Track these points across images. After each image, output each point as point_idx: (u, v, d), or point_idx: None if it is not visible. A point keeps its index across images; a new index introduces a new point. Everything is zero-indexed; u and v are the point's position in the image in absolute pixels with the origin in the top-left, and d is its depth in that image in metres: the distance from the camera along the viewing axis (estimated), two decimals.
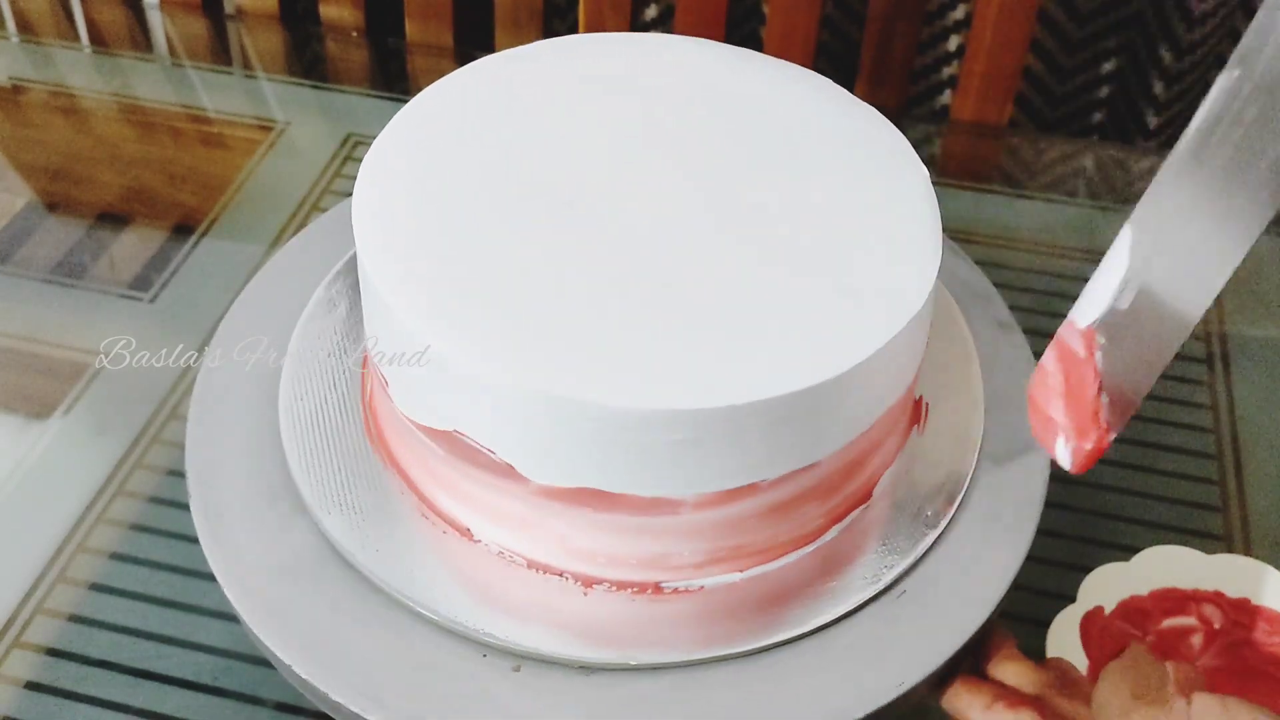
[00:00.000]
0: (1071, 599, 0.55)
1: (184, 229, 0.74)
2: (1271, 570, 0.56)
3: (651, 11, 0.87)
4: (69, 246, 0.73)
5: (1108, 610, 0.54)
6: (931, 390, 0.52)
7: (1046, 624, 0.54)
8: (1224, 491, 0.62)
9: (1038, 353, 0.55)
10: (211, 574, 0.47)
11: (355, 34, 0.91)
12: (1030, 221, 0.77)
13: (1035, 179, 0.82)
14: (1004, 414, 0.53)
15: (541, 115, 0.51)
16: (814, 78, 0.54)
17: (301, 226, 0.69)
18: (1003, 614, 0.47)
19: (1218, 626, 0.54)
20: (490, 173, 0.48)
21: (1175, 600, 0.55)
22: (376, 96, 0.87)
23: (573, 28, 0.89)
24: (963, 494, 0.50)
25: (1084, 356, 0.41)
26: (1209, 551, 0.57)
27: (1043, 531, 0.49)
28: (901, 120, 0.54)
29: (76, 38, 0.90)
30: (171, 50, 0.90)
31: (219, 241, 0.74)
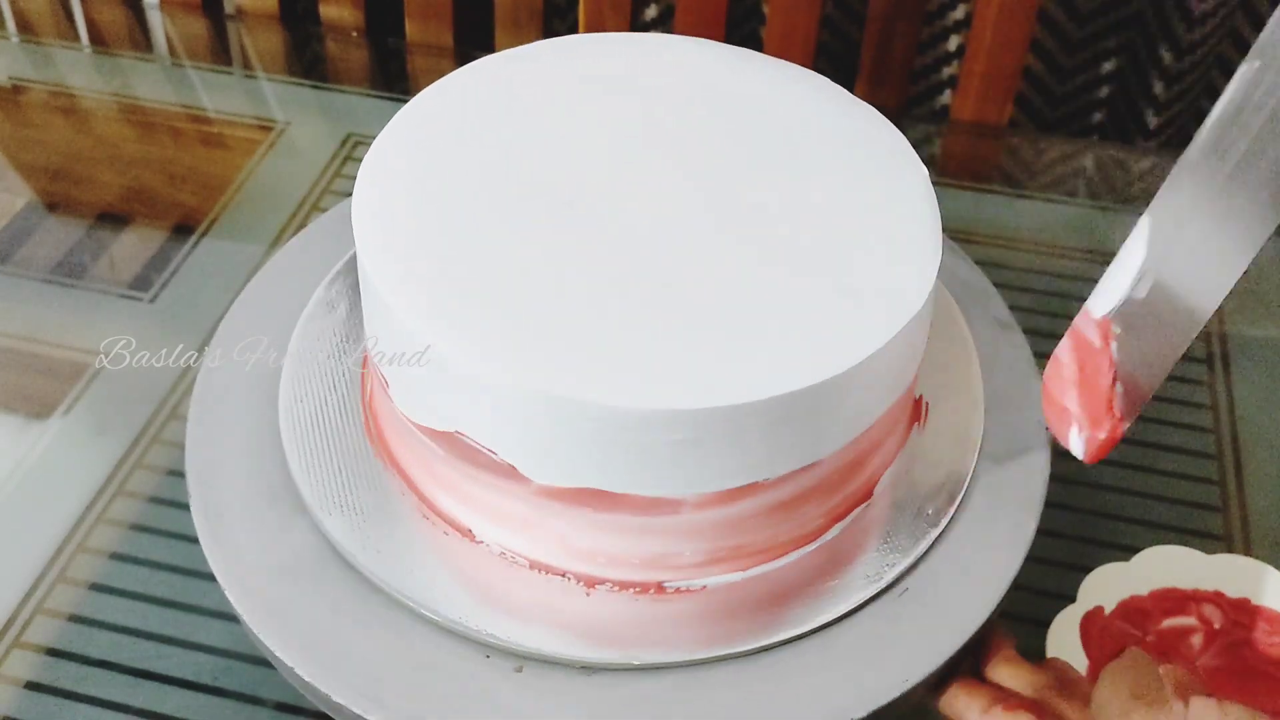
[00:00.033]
0: (1071, 599, 0.55)
1: (184, 229, 0.74)
2: (1271, 570, 0.56)
3: (651, 11, 0.87)
4: (69, 246, 0.73)
5: (1108, 610, 0.54)
6: (931, 389, 0.52)
7: (1046, 624, 0.54)
8: (1224, 491, 0.62)
9: (1038, 352, 0.55)
10: (211, 574, 0.47)
11: (355, 34, 0.91)
12: (1030, 221, 0.77)
13: (1035, 179, 0.82)
14: (1004, 413, 0.53)
15: (541, 115, 0.51)
16: (814, 78, 0.54)
17: (301, 226, 0.69)
18: (1003, 614, 0.47)
19: (1218, 626, 0.54)
20: (490, 173, 0.48)
21: (1175, 600, 0.55)
22: (376, 96, 0.87)
23: (573, 28, 0.89)
24: (963, 492, 0.50)
25: (1099, 346, 0.41)
26: (1209, 551, 0.57)
27: (1043, 531, 0.49)
28: (901, 120, 0.54)
29: (76, 38, 0.90)
30: (171, 50, 0.90)
31: (219, 241, 0.74)
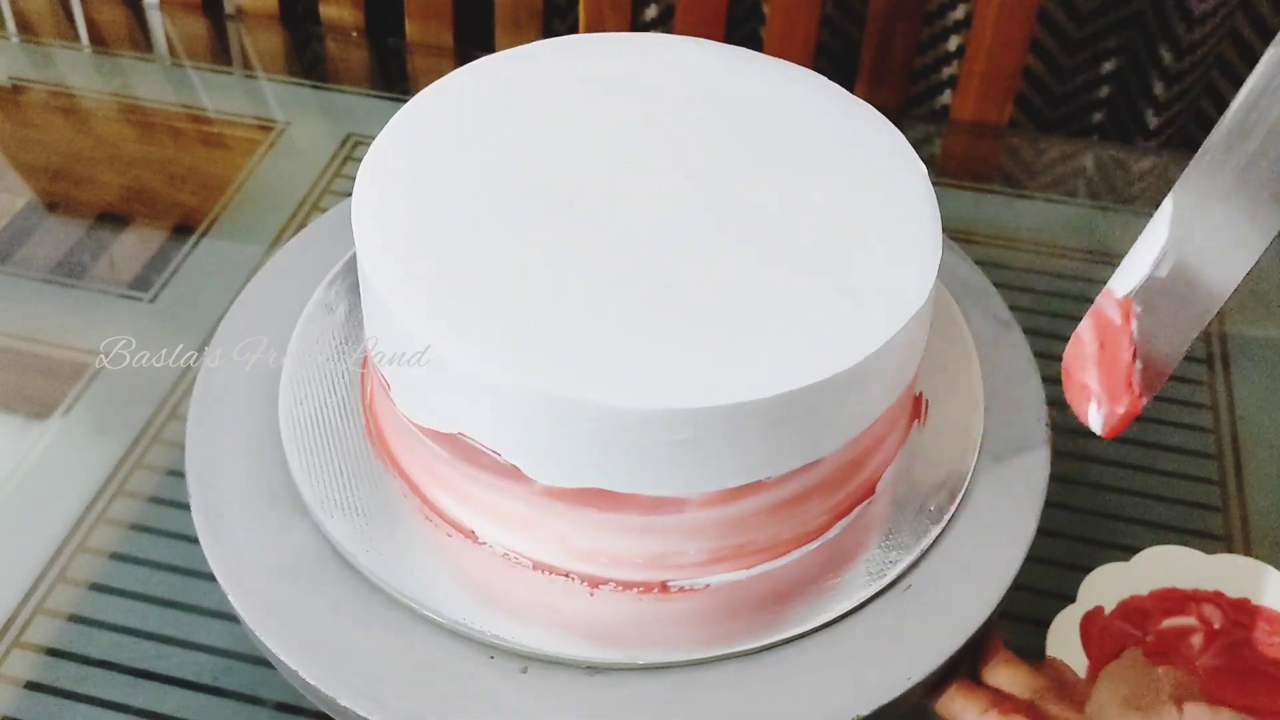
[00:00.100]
0: (1071, 599, 0.55)
1: (184, 229, 0.74)
2: (1271, 570, 0.56)
3: (651, 11, 0.87)
4: (69, 246, 0.73)
5: (1108, 610, 0.54)
6: (931, 387, 0.53)
7: (1046, 624, 0.54)
8: (1224, 491, 0.62)
9: (1038, 351, 0.55)
10: (211, 574, 0.47)
11: (355, 34, 0.91)
12: (1030, 221, 0.77)
13: (1035, 179, 0.82)
14: (1003, 410, 0.53)
15: (541, 115, 0.51)
16: (814, 78, 0.54)
17: (301, 226, 0.69)
18: (1003, 614, 0.47)
19: (1218, 626, 0.54)
20: (490, 173, 0.48)
21: (1175, 600, 0.55)
22: (376, 96, 0.87)
23: (573, 28, 0.89)
24: (965, 489, 0.50)
25: (1120, 324, 0.42)
26: (1209, 551, 0.57)
27: (1043, 531, 0.49)
28: (901, 120, 0.54)
29: (76, 38, 0.90)
30: (171, 50, 0.90)
31: (219, 241, 0.74)
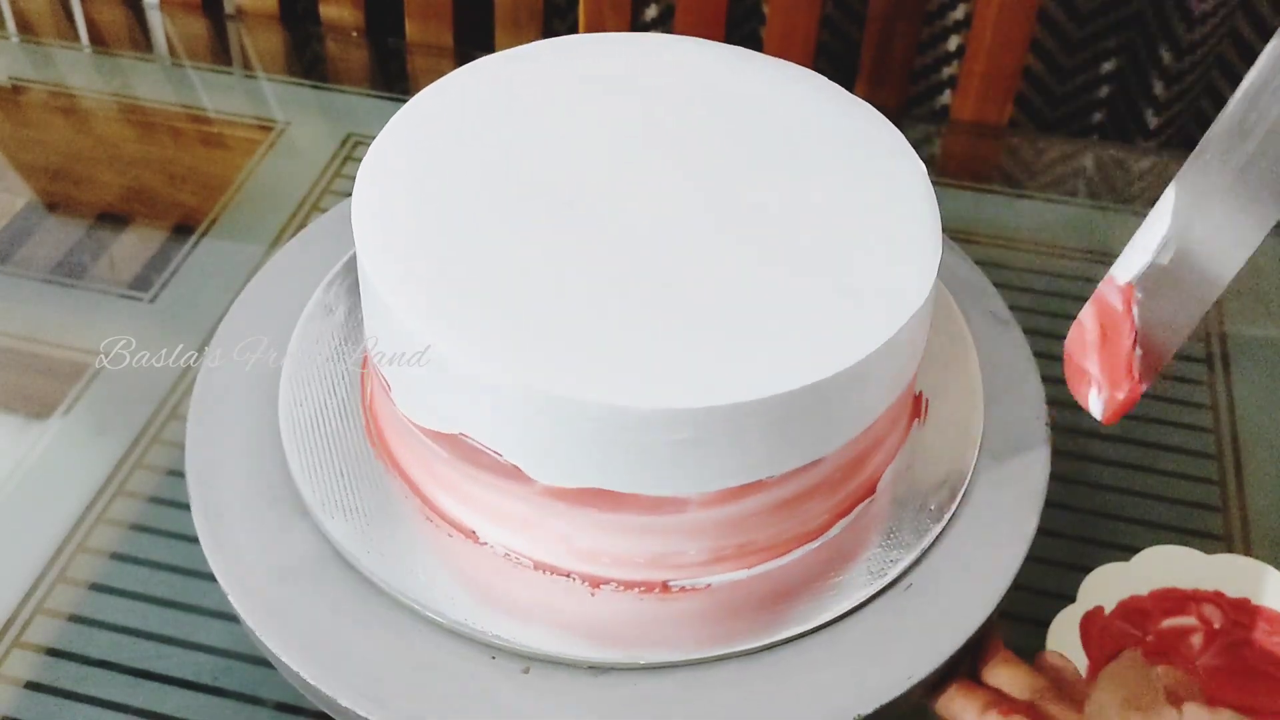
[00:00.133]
0: (1071, 599, 0.55)
1: (184, 229, 0.74)
2: (1271, 570, 0.56)
3: (651, 11, 0.87)
4: (69, 246, 0.73)
5: (1108, 610, 0.54)
6: (931, 385, 0.53)
7: (1046, 624, 0.54)
8: (1224, 491, 0.62)
9: (1038, 351, 0.55)
10: (211, 574, 0.47)
11: (355, 34, 0.91)
12: (1030, 221, 0.77)
13: (1035, 179, 0.82)
14: (1003, 408, 0.53)
15: (541, 115, 0.51)
16: (814, 78, 0.54)
17: (301, 226, 0.69)
18: (1003, 614, 0.47)
19: (1218, 626, 0.54)
20: (490, 173, 0.48)
21: (1175, 600, 0.55)
22: (376, 96, 0.87)
23: (573, 28, 0.89)
24: (965, 487, 0.50)
25: (1122, 311, 0.42)
26: (1209, 551, 0.57)
27: (1043, 531, 0.49)
28: (901, 120, 0.54)
29: (76, 38, 0.90)
30: (171, 50, 0.90)
31: (219, 241, 0.74)
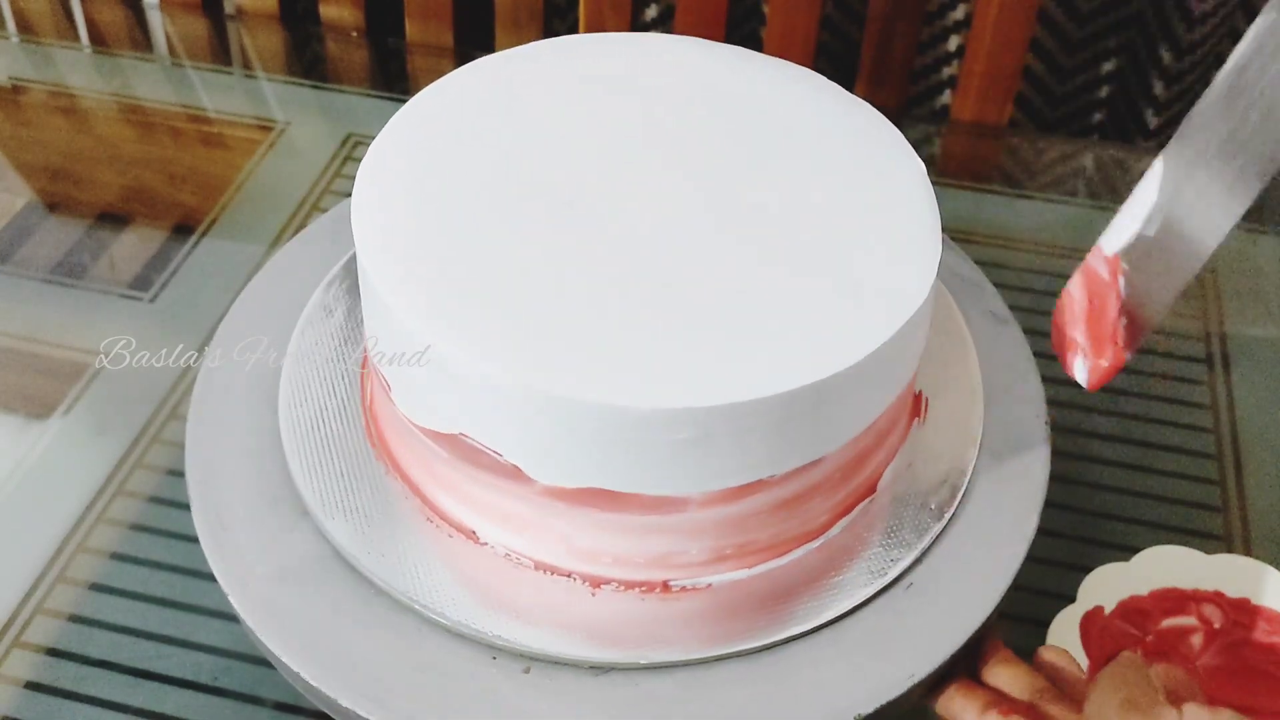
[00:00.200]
0: (1071, 599, 0.55)
1: (184, 229, 0.74)
2: (1271, 570, 0.56)
3: (651, 11, 0.87)
4: (69, 246, 0.73)
5: (1108, 610, 0.54)
6: (930, 384, 0.53)
7: (1046, 624, 0.54)
8: (1224, 491, 0.62)
9: (1038, 351, 0.55)
10: (211, 574, 0.47)
11: (355, 34, 0.91)
12: (1030, 221, 0.77)
13: (1035, 179, 0.82)
14: (1002, 406, 0.53)
15: (541, 115, 0.51)
16: (814, 78, 0.54)
17: (301, 226, 0.69)
18: (1003, 614, 0.47)
19: (1218, 626, 0.54)
20: (490, 173, 0.48)
21: (1175, 600, 0.55)
22: (376, 96, 0.87)
23: (573, 28, 0.89)
24: (965, 486, 0.50)
25: (1108, 281, 0.43)
26: (1209, 551, 0.57)
27: (1043, 531, 0.49)
28: (901, 120, 0.54)
29: (76, 38, 0.90)
30: (171, 50, 0.90)
31: (219, 241, 0.74)
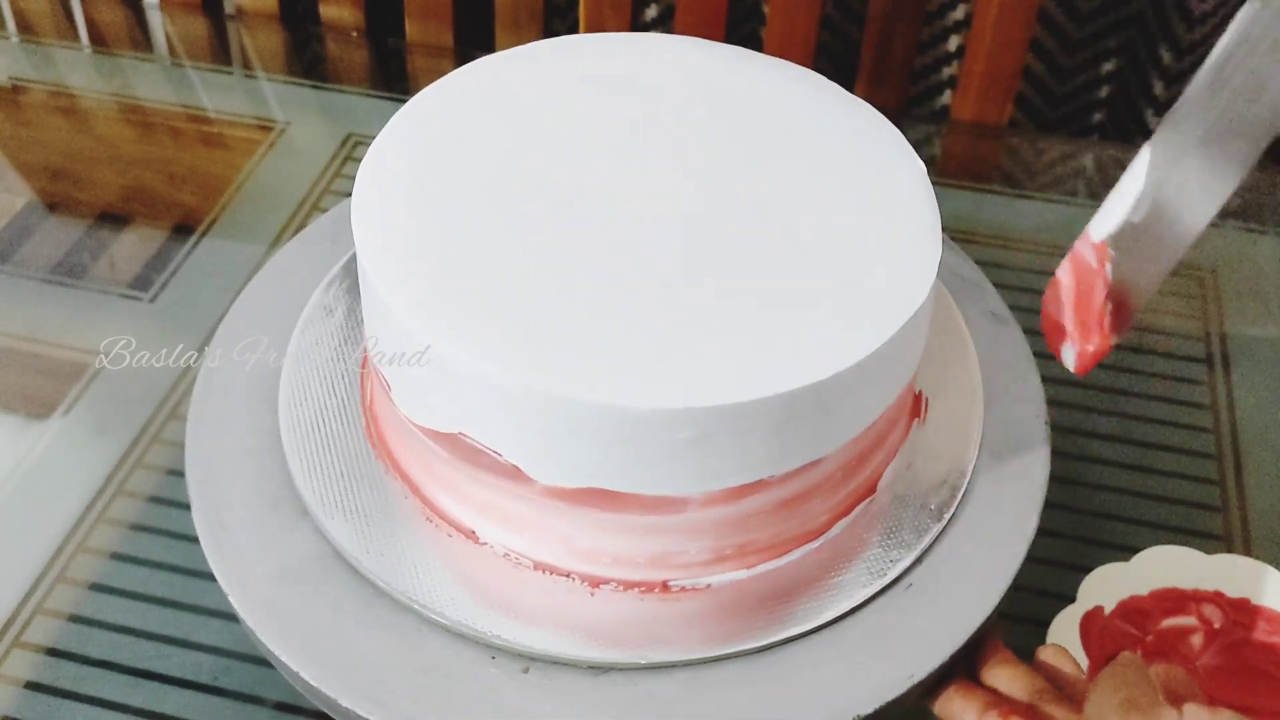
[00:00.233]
0: (1071, 599, 0.55)
1: (184, 229, 0.74)
2: (1271, 570, 0.56)
3: (651, 11, 0.87)
4: (69, 246, 0.73)
5: (1108, 610, 0.54)
6: (930, 384, 0.53)
7: (1046, 624, 0.54)
8: (1224, 491, 0.62)
9: (1038, 352, 0.55)
10: (211, 574, 0.47)
11: (355, 34, 0.91)
12: (1030, 221, 0.77)
13: (1035, 179, 0.82)
14: (1002, 406, 0.53)
15: (541, 115, 0.51)
16: (814, 78, 0.54)
17: (301, 226, 0.69)
18: (1003, 614, 0.47)
19: (1218, 626, 0.54)
20: (490, 173, 0.48)
21: (1175, 600, 0.55)
22: (376, 96, 0.87)
23: (573, 28, 0.89)
24: (965, 486, 0.50)
25: (1095, 267, 0.43)
26: (1209, 551, 0.57)
27: (1043, 531, 0.49)
28: (901, 120, 0.54)
29: (76, 38, 0.90)
30: (171, 50, 0.90)
31: (219, 241, 0.74)
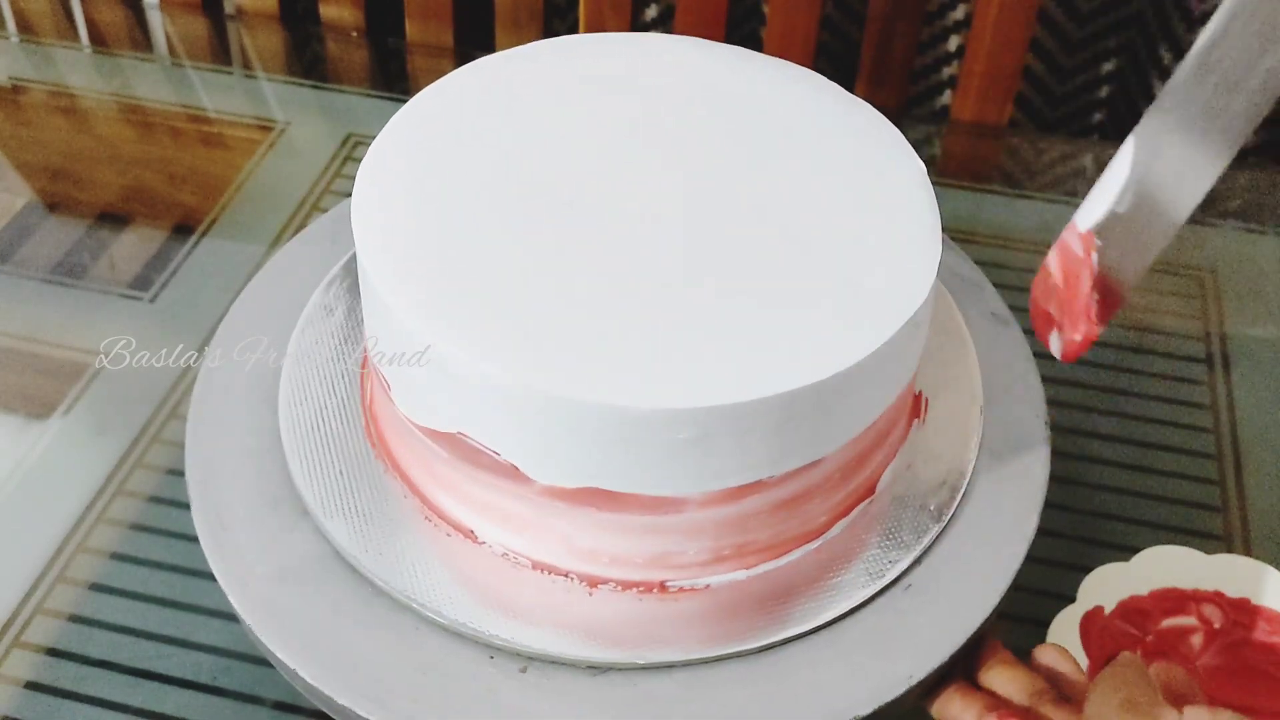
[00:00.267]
0: (1071, 599, 0.55)
1: (184, 229, 0.74)
2: (1271, 570, 0.56)
3: (651, 11, 0.87)
4: (69, 246, 0.73)
5: (1108, 610, 0.54)
6: (930, 385, 0.53)
7: (1046, 624, 0.54)
8: (1224, 491, 0.62)
9: (1037, 351, 0.55)
10: (211, 574, 0.47)
11: (355, 34, 0.91)
12: (1030, 221, 0.77)
13: (1035, 179, 0.82)
14: (1001, 406, 0.53)
15: (541, 115, 0.51)
16: (814, 78, 0.54)
17: (301, 226, 0.69)
18: (1002, 614, 0.47)
19: (1218, 626, 0.54)
20: (490, 173, 0.48)
21: (1175, 600, 0.55)
22: (376, 96, 0.87)
23: (573, 28, 0.89)
24: (965, 487, 0.50)
25: (1082, 257, 0.43)
26: (1209, 551, 0.57)
27: (1043, 531, 0.49)
28: (901, 120, 0.54)
29: (76, 38, 0.90)
30: (171, 50, 0.90)
31: (219, 241, 0.74)
